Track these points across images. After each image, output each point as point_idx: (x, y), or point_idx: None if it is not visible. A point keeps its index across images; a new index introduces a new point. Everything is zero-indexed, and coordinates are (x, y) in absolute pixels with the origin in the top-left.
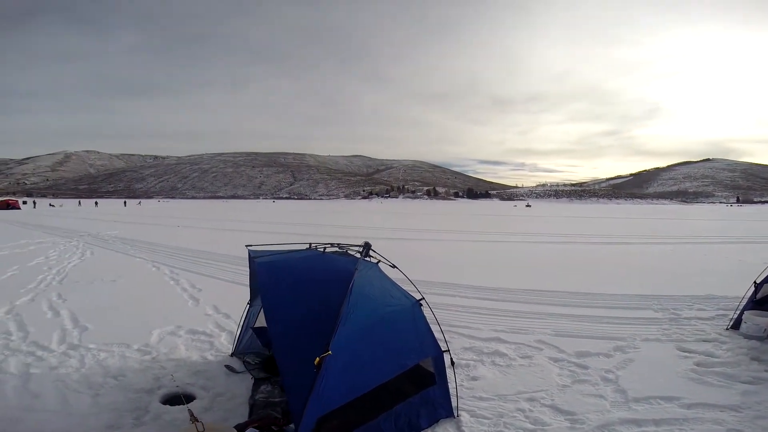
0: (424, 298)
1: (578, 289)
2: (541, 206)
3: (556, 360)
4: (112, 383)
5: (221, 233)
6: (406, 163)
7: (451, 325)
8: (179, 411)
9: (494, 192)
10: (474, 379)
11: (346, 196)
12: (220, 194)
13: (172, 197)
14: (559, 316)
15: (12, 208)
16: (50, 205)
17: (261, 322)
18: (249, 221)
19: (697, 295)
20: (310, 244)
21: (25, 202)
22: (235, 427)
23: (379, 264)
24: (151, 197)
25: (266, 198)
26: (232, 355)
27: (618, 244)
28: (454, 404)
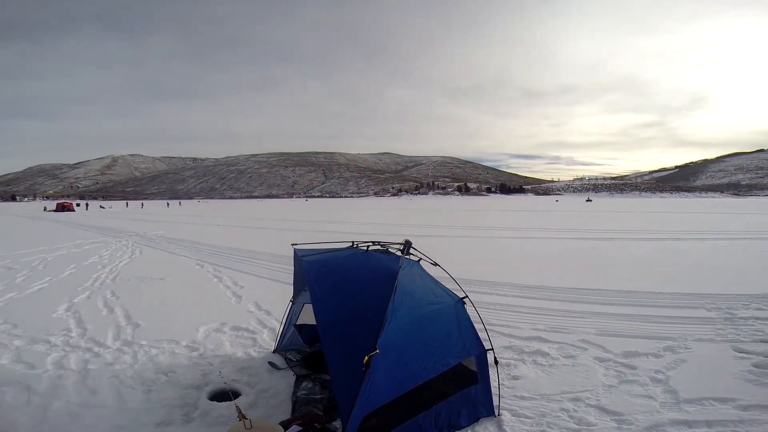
0: (467, 296)
1: (623, 287)
2: (573, 200)
3: (601, 360)
4: (163, 379)
5: (258, 232)
6: (435, 159)
7: (490, 323)
8: (226, 407)
9: (529, 187)
10: (515, 378)
11: (376, 194)
12: (256, 194)
13: (211, 197)
14: (603, 315)
15: (67, 210)
16: (101, 206)
17: (303, 319)
18: (284, 219)
19: (754, 294)
20: (353, 242)
21: (78, 204)
22: (280, 423)
23: (420, 262)
24: (191, 198)
25: (299, 197)
26: (275, 351)
27: (665, 239)
28: (495, 403)
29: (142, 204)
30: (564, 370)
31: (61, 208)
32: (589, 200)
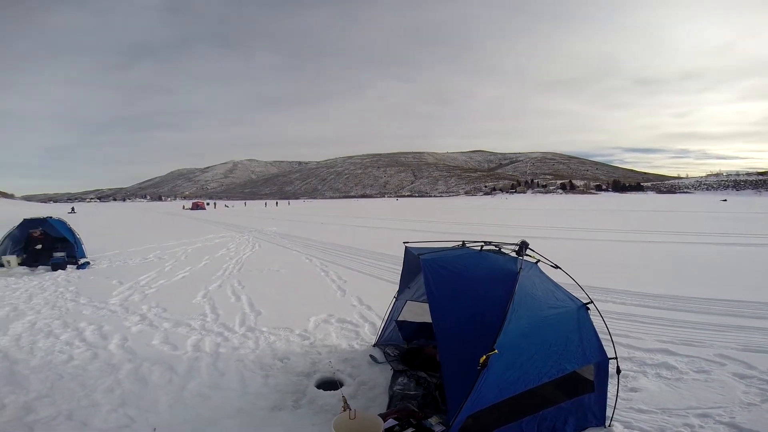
0: (592, 302)
1: None
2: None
3: (742, 376)
4: (279, 365)
5: (356, 230)
6: (534, 156)
7: (605, 332)
8: (330, 396)
9: (648, 184)
10: (633, 390)
11: (466, 193)
12: (352, 194)
13: (314, 198)
14: (748, 329)
15: (200, 209)
16: (225, 206)
17: (404, 315)
18: (378, 218)
19: None
20: (463, 242)
21: (208, 204)
22: (378, 415)
23: (538, 264)
24: (297, 198)
25: (390, 196)
26: (375, 345)
27: None
28: (607, 414)
29: (266, 203)
30: (693, 385)
31: (196, 207)
32: None
